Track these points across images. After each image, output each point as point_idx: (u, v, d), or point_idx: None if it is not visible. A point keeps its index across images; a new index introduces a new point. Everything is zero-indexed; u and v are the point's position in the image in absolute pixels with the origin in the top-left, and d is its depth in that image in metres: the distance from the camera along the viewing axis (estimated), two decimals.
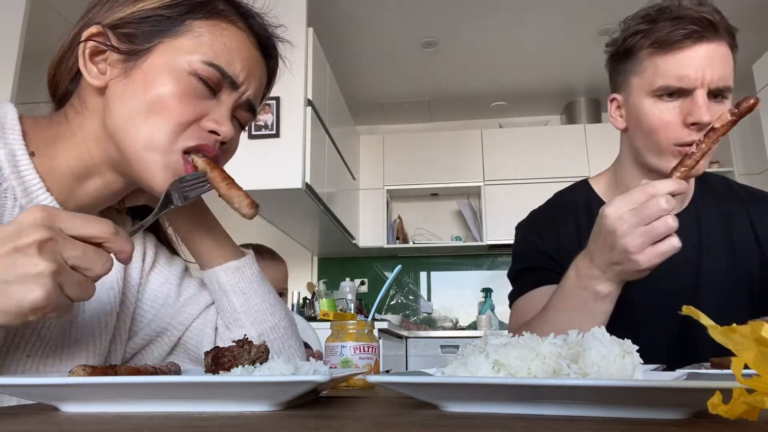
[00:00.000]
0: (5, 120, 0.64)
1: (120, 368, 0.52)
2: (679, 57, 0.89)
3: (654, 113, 0.92)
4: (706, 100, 0.88)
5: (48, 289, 0.45)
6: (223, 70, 0.65)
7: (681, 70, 0.89)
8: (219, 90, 0.66)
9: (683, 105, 0.90)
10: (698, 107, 0.87)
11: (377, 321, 3.16)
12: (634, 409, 0.40)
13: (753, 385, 0.28)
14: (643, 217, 0.70)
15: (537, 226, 1.11)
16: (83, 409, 0.47)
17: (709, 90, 0.88)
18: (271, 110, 2.89)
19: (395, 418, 0.43)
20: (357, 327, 0.75)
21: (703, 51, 0.88)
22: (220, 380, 0.45)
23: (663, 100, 0.91)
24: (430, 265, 4.77)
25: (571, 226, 1.07)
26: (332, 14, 3.41)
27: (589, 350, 0.44)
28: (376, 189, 4.51)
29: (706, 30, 0.88)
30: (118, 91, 0.64)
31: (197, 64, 0.64)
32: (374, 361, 0.75)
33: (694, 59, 0.88)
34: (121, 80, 0.64)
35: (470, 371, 0.47)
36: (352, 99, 4.37)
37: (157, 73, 0.63)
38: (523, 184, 4.27)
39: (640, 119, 0.94)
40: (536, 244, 1.08)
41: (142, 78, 0.64)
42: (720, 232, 1.02)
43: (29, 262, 0.45)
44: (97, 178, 0.69)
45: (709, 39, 0.88)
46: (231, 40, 0.67)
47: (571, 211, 1.09)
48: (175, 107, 0.63)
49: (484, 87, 4.38)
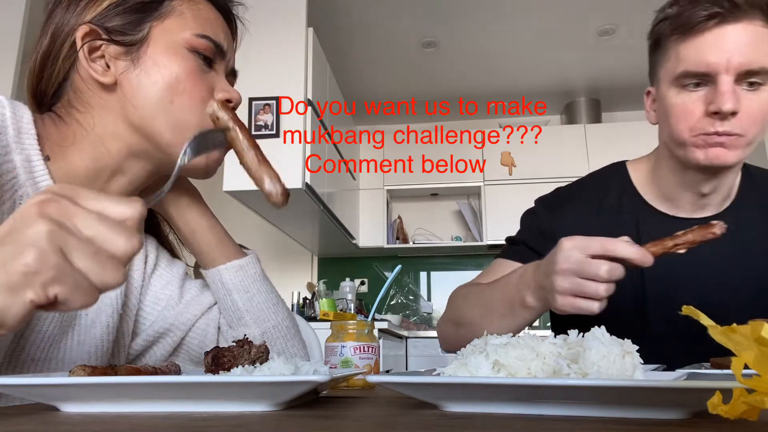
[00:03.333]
0: (21, 123, 0.63)
1: (120, 368, 0.52)
2: (699, 41, 0.83)
3: (677, 103, 0.87)
4: (731, 86, 0.82)
5: (41, 249, 0.36)
6: (213, 40, 0.68)
7: (702, 56, 0.83)
8: (213, 61, 0.69)
9: (708, 93, 0.84)
10: (720, 94, 0.81)
11: (377, 321, 3.16)
12: (634, 409, 0.40)
13: (753, 385, 0.28)
14: (581, 270, 0.69)
15: (553, 205, 1.06)
16: (83, 409, 0.47)
17: (737, 75, 0.82)
18: (271, 110, 2.89)
19: (395, 418, 0.43)
20: (357, 327, 0.75)
21: (726, 33, 0.81)
22: (220, 380, 0.45)
23: (687, 90, 0.86)
24: (430, 265, 4.77)
25: (591, 211, 1.01)
26: (332, 14, 3.41)
27: (589, 350, 0.44)
28: (376, 189, 4.50)
29: (731, 10, 0.81)
30: (134, 82, 0.64)
31: (192, 38, 0.66)
32: (374, 361, 0.75)
33: (715, 43, 0.82)
34: (133, 71, 0.64)
35: (470, 371, 0.47)
36: (352, 99, 4.37)
37: (164, 56, 0.65)
38: (523, 184, 4.27)
39: (665, 110, 0.90)
40: (540, 221, 1.04)
41: (153, 64, 0.64)
42: (760, 236, 0.95)
43: (24, 224, 0.37)
44: (119, 176, 0.68)
45: (735, 19, 0.81)
46: (206, 11, 0.70)
47: (597, 196, 1.03)
48: (193, 85, 0.65)
49: (484, 87, 4.38)
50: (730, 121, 0.82)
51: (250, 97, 2.90)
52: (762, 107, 0.83)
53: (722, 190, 0.94)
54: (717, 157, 0.84)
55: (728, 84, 0.82)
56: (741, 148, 0.85)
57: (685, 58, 0.85)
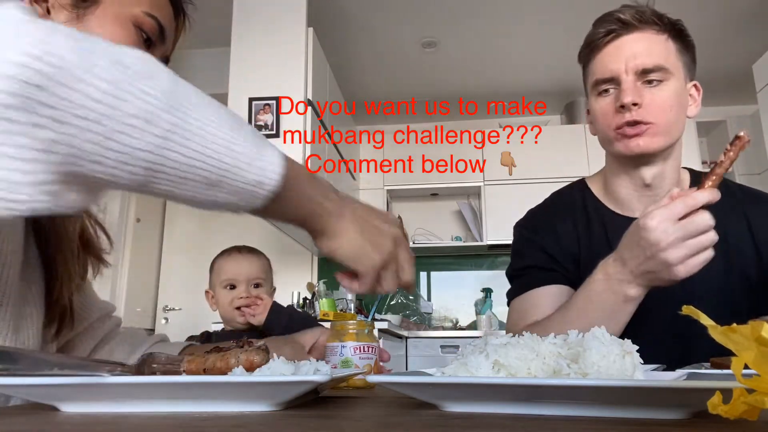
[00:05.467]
0: None
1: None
2: (603, 54, 1.00)
3: (597, 107, 1.02)
4: (632, 84, 0.96)
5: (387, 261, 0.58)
6: (160, 22, 0.69)
7: (605, 65, 0.99)
8: (152, 43, 0.70)
9: (616, 94, 0.99)
10: (622, 91, 0.96)
11: (377, 321, 3.16)
12: (634, 409, 0.40)
13: (753, 385, 0.28)
14: (689, 231, 0.74)
15: (536, 224, 1.13)
16: (83, 409, 0.47)
17: (636, 74, 0.96)
18: (271, 110, 2.89)
19: (395, 418, 0.43)
20: (357, 327, 0.75)
21: (623, 43, 0.98)
22: (220, 380, 0.45)
23: (603, 96, 1.01)
24: (430, 265, 4.76)
25: (569, 225, 1.09)
26: (332, 14, 3.41)
27: (589, 350, 0.44)
28: (376, 189, 4.50)
29: (625, 26, 0.98)
30: None
31: (141, 15, 0.68)
32: (374, 361, 0.75)
33: (614, 52, 0.98)
34: (74, 23, 0.65)
35: (470, 371, 0.47)
36: (352, 99, 4.37)
37: (110, 22, 0.66)
38: (523, 184, 4.27)
39: (593, 117, 1.04)
40: (536, 242, 1.09)
41: (98, 26, 0.65)
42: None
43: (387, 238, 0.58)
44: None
45: (628, 32, 0.98)
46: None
47: (568, 210, 1.11)
48: None
49: (484, 87, 4.37)
50: (637, 111, 0.95)
51: (250, 97, 2.90)
52: (664, 98, 0.96)
53: (664, 185, 1.02)
54: (637, 145, 0.96)
55: (628, 82, 0.96)
56: (658, 135, 0.96)
57: (595, 70, 1.02)
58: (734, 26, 3.56)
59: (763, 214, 1.03)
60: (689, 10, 3.32)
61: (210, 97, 0.46)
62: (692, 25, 1.08)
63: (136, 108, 0.39)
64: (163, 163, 0.41)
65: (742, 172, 4.22)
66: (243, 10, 3.04)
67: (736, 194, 1.06)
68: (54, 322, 0.75)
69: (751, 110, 4.22)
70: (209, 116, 0.44)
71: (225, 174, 0.44)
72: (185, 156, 0.42)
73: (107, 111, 0.38)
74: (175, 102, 0.42)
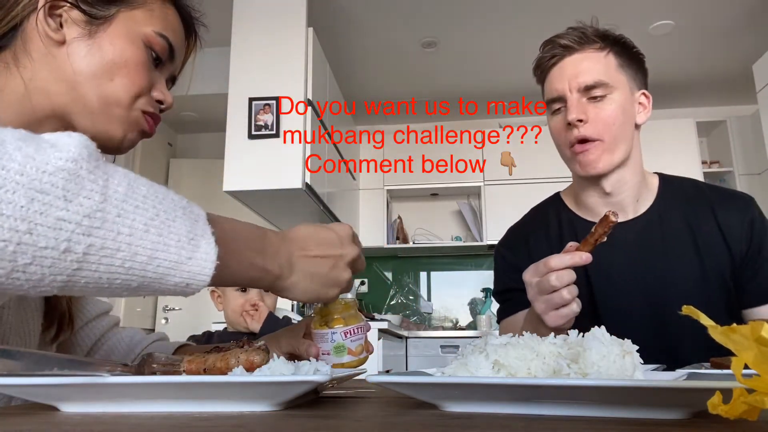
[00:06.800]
0: None
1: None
2: (550, 76, 1.07)
3: (552, 126, 1.09)
4: (576, 101, 1.02)
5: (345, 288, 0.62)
6: (171, 43, 0.71)
7: (552, 86, 1.06)
8: (162, 62, 0.71)
9: (565, 112, 1.04)
10: (567, 108, 1.03)
11: (377, 321, 3.16)
12: (634, 409, 0.40)
13: (753, 385, 0.28)
14: (541, 289, 0.83)
15: (512, 243, 1.18)
16: (83, 409, 0.47)
17: (579, 92, 1.02)
18: (271, 110, 2.89)
19: (395, 418, 0.43)
20: (343, 310, 0.73)
21: (565, 65, 1.05)
22: (220, 380, 0.45)
23: (555, 115, 1.07)
24: (430, 265, 4.77)
25: (541, 239, 1.14)
26: (332, 14, 3.41)
27: (589, 350, 0.44)
28: (376, 189, 4.50)
29: (566, 49, 1.05)
30: (84, 51, 0.66)
31: (152, 35, 0.69)
32: (364, 339, 0.73)
33: (558, 73, 1.05)
34: (86, 40, 0.66)
35: (470, 371, 0.47)
36: (352, 99, 4.37)
37: (122, 40, 0.67)
38: (523, 184, 4.27)
39: (552, 135, 1.10)
40: (511, 263, 1.14)
41: (108, 43, 0.66)
42: (685, 234, 1.04)
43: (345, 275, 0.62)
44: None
45: (570, 53, 1.05)
46: (173, 17, 0.73)
47: (542, 224, 1.16)
48: (137, 74, 0.68)
49: (484, 87, 4.37)
50: (584, 127, 1.01)
51: (250, 97, 2.90)
52: (608, 113, 1.01)
53: (626, 190, 1.07)
54: (588, 163, 1.02)
55: (573, 100, 1.02)
56: (606, 151, 1.01)
57: (545, 92, 1.09)
58: (734, 26, 3.56)
59: (732, 213, 1.04)
60: (689, 10, 3.33)
61: (148, 188, 0.45)
62: (692, 26, 1.09)
63: (47, 239, 0.38)
64: (78, 281, 0.41)
65: (742, 172, 4.22)
66: (243, 10, 3.04)
67: (707, 195, 1.08)
68: (52, 326, 0.76)
69: (751, 110, 4.22)
70: (137, 224, 0.43)
71: (149, 282, 0.44)
72: (104, 273, 0.41)
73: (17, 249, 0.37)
74: (96, 221, 0.40)
